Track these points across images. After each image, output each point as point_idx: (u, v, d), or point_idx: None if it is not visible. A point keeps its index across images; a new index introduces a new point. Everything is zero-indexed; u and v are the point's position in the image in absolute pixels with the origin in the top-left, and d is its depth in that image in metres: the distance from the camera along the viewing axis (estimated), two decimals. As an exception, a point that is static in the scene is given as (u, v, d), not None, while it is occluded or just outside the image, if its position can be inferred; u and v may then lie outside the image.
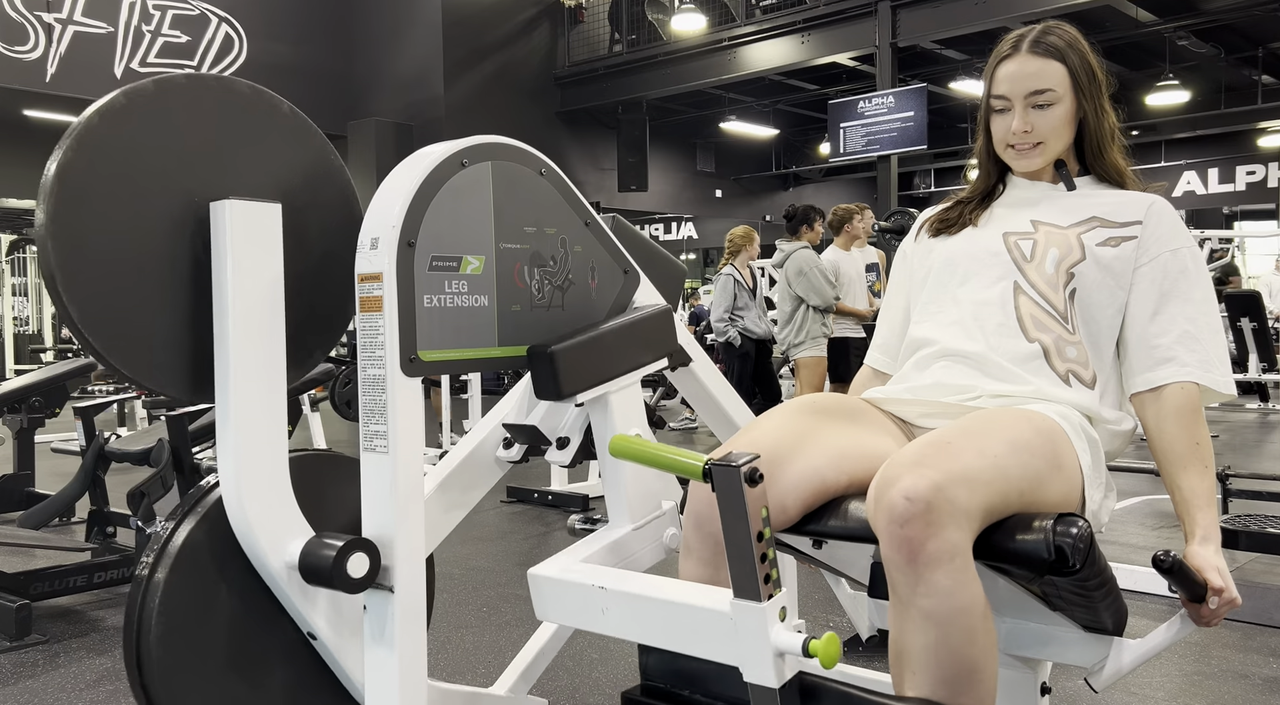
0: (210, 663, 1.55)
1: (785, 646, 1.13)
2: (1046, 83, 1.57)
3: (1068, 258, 1.54)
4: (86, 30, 10.16)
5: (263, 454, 1.54)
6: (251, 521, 1.52)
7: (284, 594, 1.56)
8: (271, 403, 1.56)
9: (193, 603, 1.53)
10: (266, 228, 1.57)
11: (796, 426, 1.45)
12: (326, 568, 1.45)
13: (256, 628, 1.59)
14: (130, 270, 1.51)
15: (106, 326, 1.49)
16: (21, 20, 9.72)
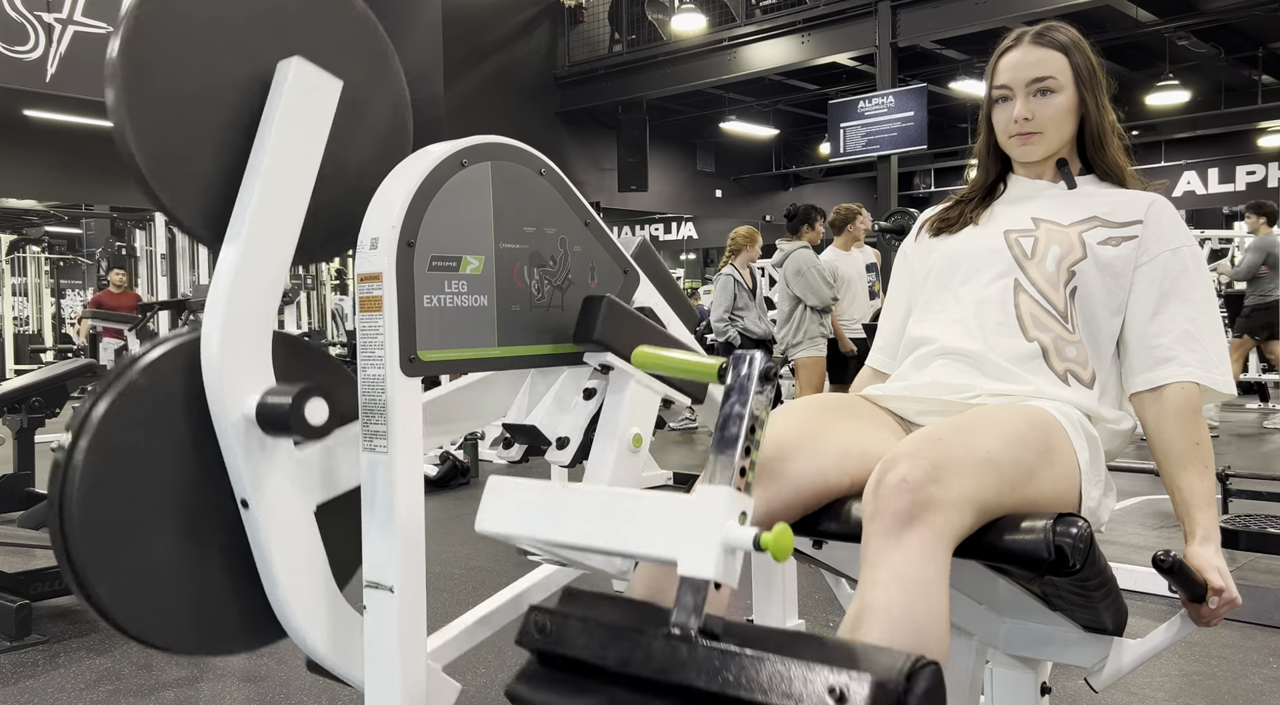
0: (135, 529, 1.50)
1: (736, 539, 1.06)
2: (1048, 70, 1.58)
3: (1069, 256, 1.54)
4: (86, 30, 10.16)
5: (253, 303, 1.53)
6: (225, 367, 1.49)
7: (231, 450, 1.51)
8: (275, 259, 1.56)
9: (117, 471, 1.47)
10: (323, 97, 1.62)
11: (802, 427, 1.45)
12: (284, 411, 1.43)
13: (184, 498, 1.54)
14: (192, 123, 1.55)
15: (166, 173, 1.53)
16: (21, 20, 9.72)
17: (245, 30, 1.60)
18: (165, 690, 2.62)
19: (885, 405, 1.59)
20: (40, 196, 14.85)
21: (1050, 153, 1.63)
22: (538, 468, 5.84)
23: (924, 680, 0.99)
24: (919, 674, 0.99)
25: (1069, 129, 1.62)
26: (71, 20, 10.08)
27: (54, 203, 15.11)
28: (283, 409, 1.44)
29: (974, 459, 1.24)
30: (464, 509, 5.07)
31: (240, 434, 1.50)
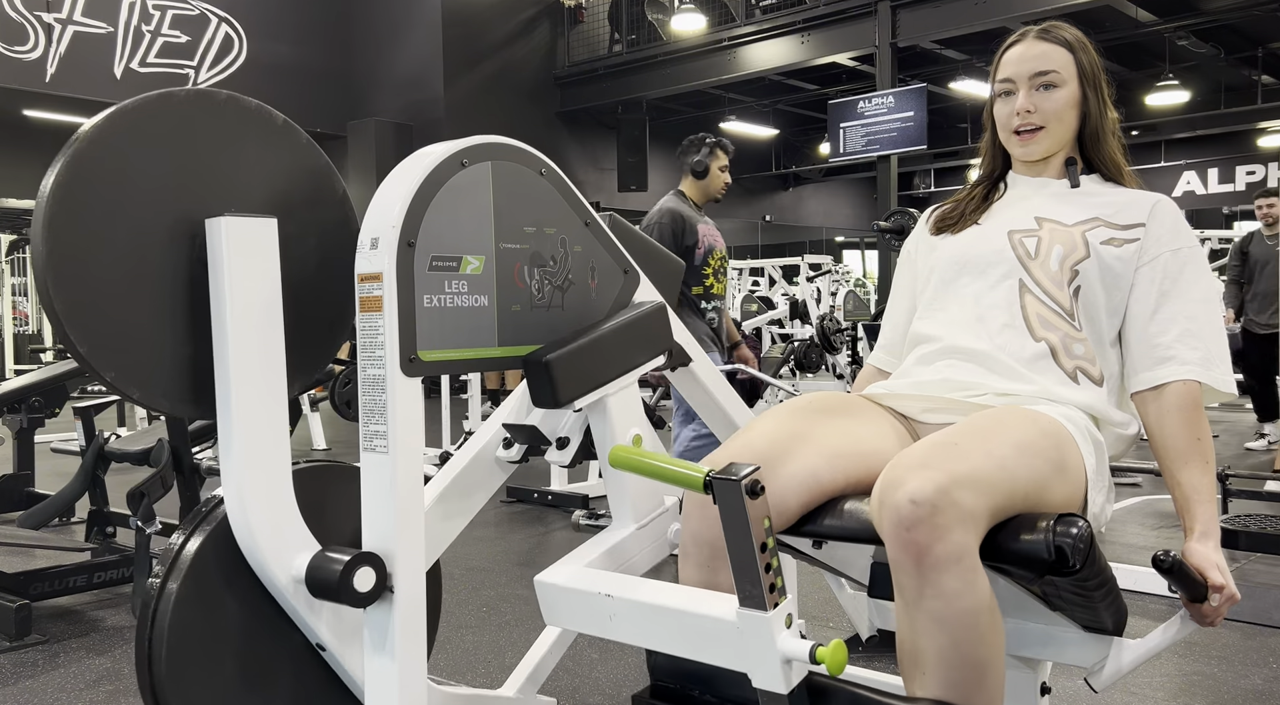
0: (222, 675, 1.55)
1: (793, 654, 1.15)
2: (1052, 64, 1.59)
3: (1072, 254, 1.54)
4: (86, 30, 10.16)
5: (266, 468, 1.55)
6: (257, 537, 1.52)
7: (291, 607, 1.56)
8: (273, 416, 1.57)
9: (204, 615, 1.53)
10: (263, 242, 1.57)
11: (791, 428, 1.45)
12: (333, 583, 1.45)
13: (266, 639, 1.59)
14: (129, 291, 1.52)
15: (110, 351, 1.51)
16: (21, 20, 9.72)
17: (162, 200, 1.55)
18: (165, 690, 2.62)
19: (888, 403, 1.59)
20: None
21: (1050, 151, 1.63)
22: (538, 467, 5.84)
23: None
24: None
25: (1070, 124, 1.61)
26: (71, 20, 10.08)
27: (54, 203, 15.08)
28: (332, 580, 1.46)
29: (986, 468, 1.24)
30: (464, 509, 5.07)
31: (295, 593, 1.55)
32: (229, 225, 1.53)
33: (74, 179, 1.47)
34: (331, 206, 1.76)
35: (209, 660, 1.54)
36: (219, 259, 1.53)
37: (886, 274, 10.84)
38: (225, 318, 1.53)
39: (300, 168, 1.72)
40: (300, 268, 1.68)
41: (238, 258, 1.53)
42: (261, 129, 1.67)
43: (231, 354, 1.52)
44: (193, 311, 1.57)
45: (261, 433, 1.55)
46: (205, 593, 1.53)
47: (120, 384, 1.51)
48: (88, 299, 1.48)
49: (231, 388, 1.52)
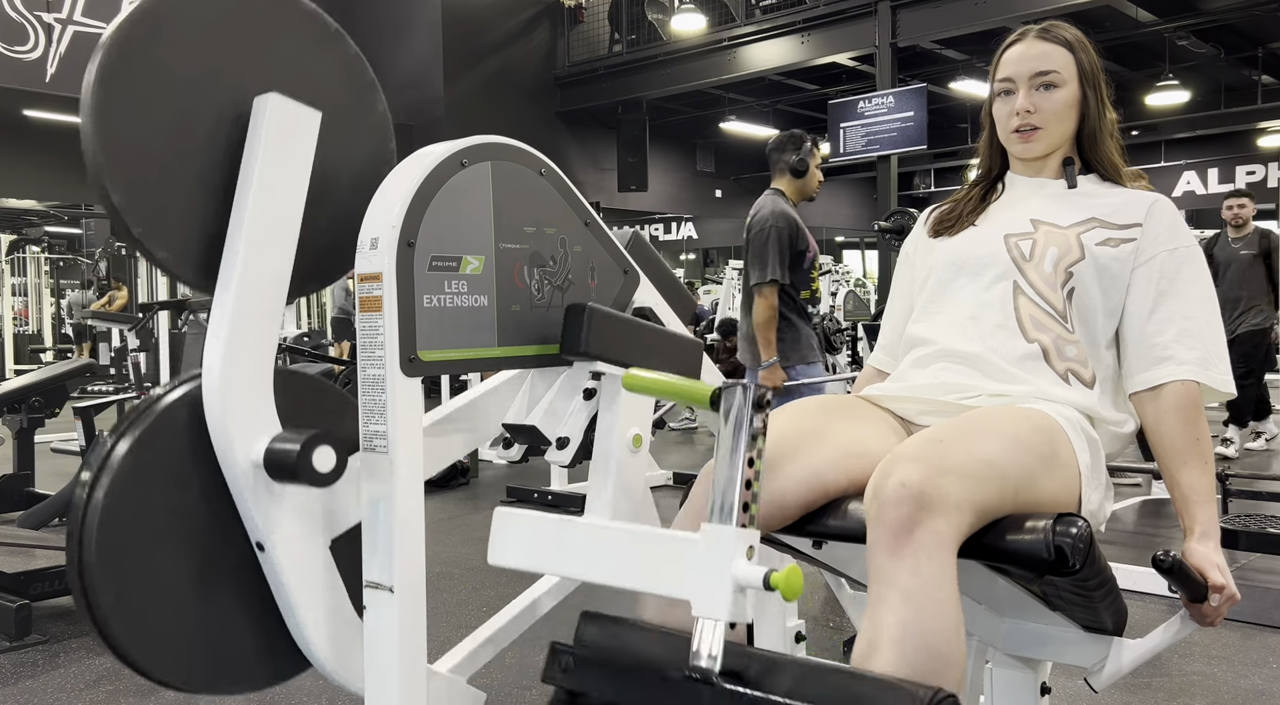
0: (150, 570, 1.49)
1: (745, 577, 1.08)
2: (1052, 64, 1.59)
3: (1066, 257, 1.54)
4: (86, 30, 10.16)
5: (252, 350, 1.53)
6: (229, 413, 1.48)
7: (241, 496, 1.51)
8: (270, 303, 1.55)
9: (134, 513, 1.48)
10: (304, 131, 1.60)
11: (799, 427, 1.45)
12: (292, 459, 1.43)
13: (201, 540, 1.54)
14: (170, 153, 1.53)
15: (143, 207, 1.51)
16: (21, 20, 9.72)
17: (219, 67, 1.57)
18: (165, 691, 2.62)
19: (885, 405, 1.59)
20: (40, 196, 14.84)
21: (1049, 150, 1.63)
22: (538, 467, 5.84)
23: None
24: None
25: (1069, 124, 1.61)
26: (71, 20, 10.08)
27: (54, 203, 15.12)
28: (290, 458, 1.44)
29: (974, 462, 1.24)
30: (464, 509, 5.07)
31: (250, 481, 1.50)
32: (276, 104, 1.56)
33: (128, 41, 1.48)
34: (371, 123, 1.78)
35: (138, 558, 1.48)
36: (258, 136, 1.55)
37: (886, 274, 10.84)
38: (248, 195, 1.53)
39: (345, 76, 1.74)
40: (329, 176, 1.69)
41: (276, 138, 1.56)
42: (315, 31, 1.70)
43: (246, 229, 1.52)
44: (226, 191, 1.58)
45: (254, 315, 1.53)
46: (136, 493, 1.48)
47: (147, 241, 1.51)
48: (129, 151, 1.49)
49: (238, 262, 1.52)
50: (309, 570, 1.54)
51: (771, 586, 1.05)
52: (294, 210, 1.58)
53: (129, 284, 12.69)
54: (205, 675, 1.55)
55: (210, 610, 1.54)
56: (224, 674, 1.56)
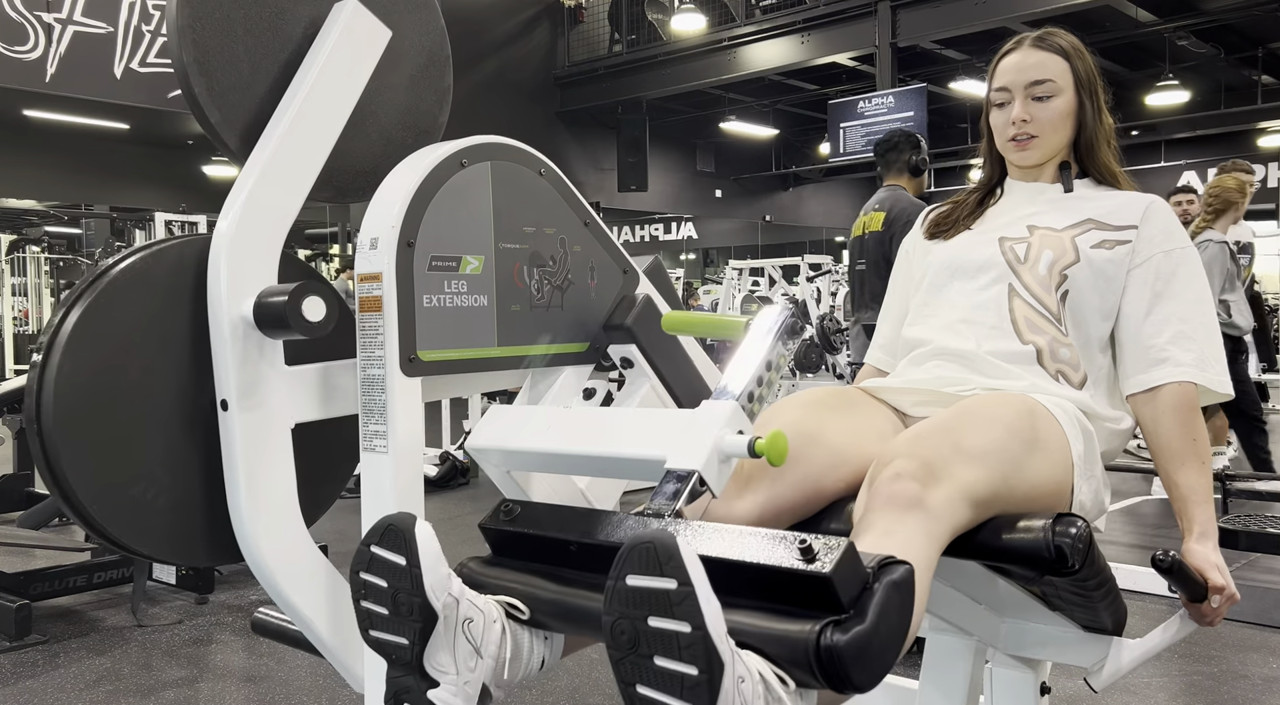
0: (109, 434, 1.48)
1: (730, 446, 1.08)
2: (1047, 73, 1.59)
3: (1061, 259, 1.55)
4: (86, 30, 10.16)
5: (268, 211, 1.54)
6: (233, 266, 1.48)
7: (222, 350, 1.49)
8: (294, 183, 1.57)
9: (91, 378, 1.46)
10: (370, 43, 1.66)
11: (800, 429, 1.44)
12: (281, 308, 1.43)
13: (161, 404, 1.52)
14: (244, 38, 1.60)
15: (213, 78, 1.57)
16: (21, 20, 9.72)
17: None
18: (165, 690, 2.62)
19: (882, 396, 1.60)
20: (40, 196, 14.84)
21: (1046, 158, 1.63)
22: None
23: (896, 572, 1.00)
24: (893, 566, 1.00)
25: (1066, 133, 1.62)
26: (71, 20, 10.08)
27: (54, 203, 15.11)
28: (280, 305, 1.44)
29: (962, 454, 1.24)
30: (464, 509, 5.07)
31: (236, 333, 1.47)
32: (353, 11, 1.63)
33: None
34: (434, 64, 1.87)
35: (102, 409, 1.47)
36: (328, 34, 1.62)
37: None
38: (303, 84, 1.58)
39: (420, 14, 1.84)
40: (383, 100, 1.74)
41: (344, 42, 1.62)
42: None
43: (290, 115, 1.56)
44: (285, 79, 1.62)
45: (277, 187, 1.55)
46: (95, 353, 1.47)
47: (205, 102, 1.56)
48: (208, 21, 1.56)
49: (275, 138, 1.55)
50: (265, 438, 1.51)
51: (757, 453, 1.05)
52: (341, 110, 1.63)
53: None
54: (165, 543, 1.53)
55: (172, 474, 1.53)
56: (180, 543, 1.55)
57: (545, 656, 1.24)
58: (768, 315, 1.16)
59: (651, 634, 0.91)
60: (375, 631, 1.16)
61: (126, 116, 11.40)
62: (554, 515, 1.20)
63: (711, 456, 1.08)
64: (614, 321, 1.68)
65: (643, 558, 0.92)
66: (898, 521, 1.15)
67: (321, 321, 1.44)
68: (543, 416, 1.31)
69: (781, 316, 1.13)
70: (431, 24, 1.84)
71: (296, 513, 1.53)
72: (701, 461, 1.07)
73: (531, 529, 1.19)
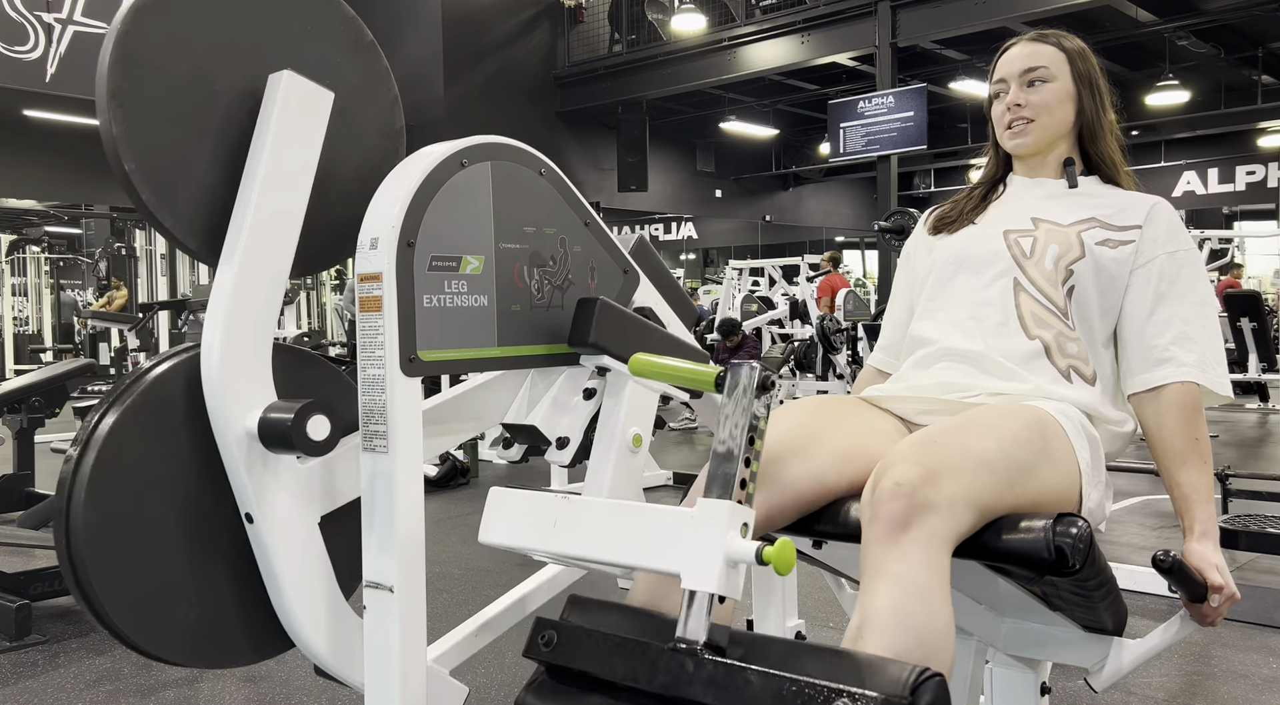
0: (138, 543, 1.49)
1: (738, 552, 1.07)
2: (1040, 61, 1.61)
3: (1067, 254, 1.55)
4: (86, 30, 10.16)
5: (252, 321, 1.54)
6: (227, 383, 1.49)
7: (234, 466, 1.51)
8: (273, 276, 1.56)
9: (123, 486, 1.48)
10: (316, 109, 1.63)
11: (800, 429, 1.45)
12: (286, 428, 1.43)
13: (189, 512, 1.54)
14: (182, 126, 1.56)
15: (152, 173, 1.54)
16: (21, 20, 9.72)
17: (236, 42, 1.60)
18: (165, 690, 2.62)
19: (885, 406, 1.59)
20: (40, 196, 14.83)
21: (1043, 144, 1.64)
22: (538, 467, 5.84)
23: (928, 693, 0.99)
24: (923, 687, 1.00)
25: (1061, 117, 1.62)
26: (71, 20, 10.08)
27: (54, 203, 15.11)
28: (285, 426, 1.45)
29: (969, 460, 1.24)
30: (464, 509, 5.07)
31: (243, 450, 1.50)
32: (291, 81, 1.59)
33: (151, 9, 1.52)
34: (383, 110, 1.80)
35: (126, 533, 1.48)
36: (270, 112, 1.58)
37: (886, 274, 10.84)
38: (258, 169, 1.56)
39: (359, 61, 1.77)
40: (337, 160, 1.71)
41: (289, 114, 1.58)
42: (331, 14, 1.73)
43: (253, 202, 1.54)
44: (233, 163, 1.60)
45: (256, 287, 1.54)
46: (125, 464, 1.48)
47: (154, 207, 1.53)
48: (142, 123, 1.52)
49: (243, 234, 1.53)
50: (296, 544, 1.54)
51: (764, 561, 1.05)
52: (302, 187, 1.60)
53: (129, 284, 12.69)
54: (195, 649, 1.55)
55: (200, 584, 1.54)
56: (214, 648, 1.56)
57: None
58: (739, 373, 1.13)
59: None
60: None
61: (126, 116, 11.38)
62: (595, 646, 1.19)
63: (723, 571, 1.08)
64: (577, 337, 1.63)
65: None
66: (904, 558, 1.15)
67: (326, 440, 1.45)
68: (548, 510, 1.29)
69: (753, 373, 1.12)
70: (371, 68, 1.79)
71: (337, 594, 1.57)
72: (715, 582, 1.07)
73: (574, 664, 1.19)
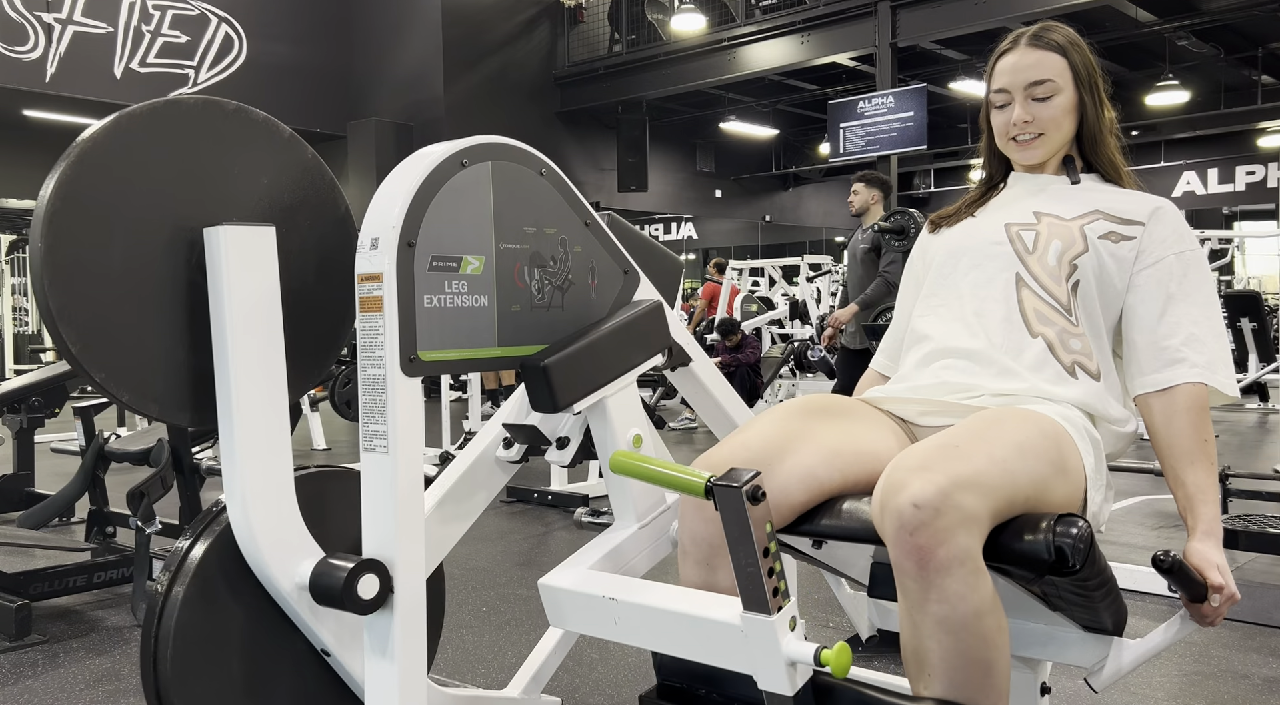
0: (226, 678, 1.55)
1: (797, 656, 1.15)
2: (1046, 73, 1.58)
3: (1070, 249, 1.54)
4: (86, 30, 10.16)
5: (268, 475, 1.55)
6: (260, 544, 1.52)
7: (295, 613, 1.56)
8: (274, 423, 1.57)
9: (208, 619, 1.53)
10: (261, 250, 1.58)
11: (788, 427, 1.45)
12: (337, 591, 1.45)
13: (271, 643, 1.59)
14: (126, 293, 1.53)
15: (107, 357, 1.51)
16: (21, 20, 9.72)
17: (166, 196, 1.57)
18: (165, 690, 2.62)
19: (885, 407, 1.59)
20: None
21: (1050, 154, 1.63)
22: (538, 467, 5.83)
23: None
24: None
25: (1068, 128, 1.62)
26: (71, 20, 10.08)
27: (54, 203, 15.10)
28: (336, 589, 1.46)
29: (990, 472, 1.24)
30: (464, 509, 5.06)
31: (301, 600, 1.55)
32: (227, 234, 1.55)
33: (77, 179, 1.48)
34: (333, 219, 1.78)
35: (213, 664, 1.54)
36: (218, 267, 1.55)
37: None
38: (225, 325, 1.53)
39: (304, 181, 1.74)
40: (300, 276, 1.69)
41: (236, 265, 1.54)
42: (268, 141, 1.69)
43: (231, 362, 1.53)
44: (190, 317, 1.58)
45: (263, 440, 1.55)
46: (210, 597, 1.54)
47: (110, 386, 1.51)
48: (82, 298, 1.49)
49: (233, 395, 1.53)
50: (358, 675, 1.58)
51: (823, 664, 1.13)
52: (273, 325, 1.58)
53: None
54: None
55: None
56: None
57: None
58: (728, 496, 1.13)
59: None
60: None
61: (126, 116, 11.39)
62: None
63: (789, 673, 1.18)
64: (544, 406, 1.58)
65: None
66: (941, 595, 1.18)
67: (375, 598, 1.46)
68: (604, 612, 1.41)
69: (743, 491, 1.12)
70: (296, 163, 1.72)
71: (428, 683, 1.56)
72: (789, 686, 1.18)
73: None
